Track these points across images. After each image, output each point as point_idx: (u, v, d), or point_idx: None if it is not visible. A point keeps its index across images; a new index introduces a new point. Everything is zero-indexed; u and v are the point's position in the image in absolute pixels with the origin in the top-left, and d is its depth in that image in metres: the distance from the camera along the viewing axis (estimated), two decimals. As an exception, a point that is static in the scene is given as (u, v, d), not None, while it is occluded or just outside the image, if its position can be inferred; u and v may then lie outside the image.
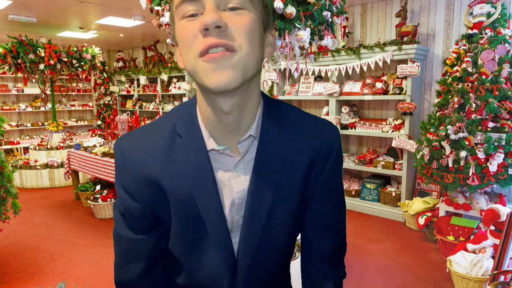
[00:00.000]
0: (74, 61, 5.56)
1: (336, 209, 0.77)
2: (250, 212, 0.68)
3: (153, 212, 0.71)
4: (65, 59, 5.46)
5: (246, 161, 0.68)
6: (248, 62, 0.57)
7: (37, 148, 5.82)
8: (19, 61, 5.10)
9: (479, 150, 2.89)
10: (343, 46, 4.40)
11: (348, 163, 4.49)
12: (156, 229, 0.73)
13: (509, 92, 2.92)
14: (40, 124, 7.72)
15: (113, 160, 3.98)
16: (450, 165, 3.06)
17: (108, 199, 4.17)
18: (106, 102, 8.07)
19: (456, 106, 3.06)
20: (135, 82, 7.85)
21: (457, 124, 2.99)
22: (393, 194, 4.11)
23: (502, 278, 2.02)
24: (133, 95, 8.08)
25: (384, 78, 4.14)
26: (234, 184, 0.68)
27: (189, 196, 0.67)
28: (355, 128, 4.39)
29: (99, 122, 8.10)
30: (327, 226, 0.77)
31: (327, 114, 4.54)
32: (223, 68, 0.55)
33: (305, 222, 0.77)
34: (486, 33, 2.98)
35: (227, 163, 0.68)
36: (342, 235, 0.80)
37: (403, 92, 3.91)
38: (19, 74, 5.40)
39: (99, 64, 6.12)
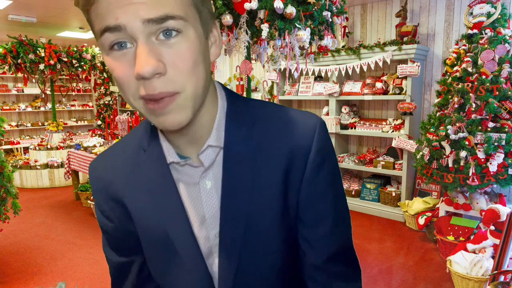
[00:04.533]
0: (74, 61, 5.56)
1: (329, 215, 0.63)
2: (224, 228, 0.60)
3: (129, 233, 0.66)
4: (65, 59, 5.46)
5: (216, 172, 0.61)
6: (196, 97, 0.51)
7: (37, 148, 5.82)
8: (19, 61, 5.10)
9: (479, 150, 2.89)
10: (343, 46, 4.40)
11: (348, 163, 4.49)
12: (139, 252, 0.68)
13: (509, 92, 2.92)
14: (40, 124, 7.72)
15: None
16: (450, 165, 3.06)
17: (108, 199, 4.17)
18: (106, 102, 8.08)
19: (456, 106, 3.05)
20: (135, 82, 7.85)
21: (457, 124, 2.99)
22: (393, 194, 4.11)
23: (502, 278, 2.02)
24: (133, 95, 8.08)
25: (384, 78, 4.14)
26: (203, 197, 0.61)
27: (152, 213, 0.62)
28: (355, 128, 4.39)
29: (99, 122, 8.10)
30: (322, 238, 0.63)
31: (327, 114, 4.54)
32: (167, 114, 0.49)
33: (298, 235, 0.65)
34: (486, 33, 2.98)
35: (193, 175, 0.61)
36: (343, 243, 0.66)
37: (403, 92, 3.91)
38: (19, 74, 5.40)
39: (99, 64, 6.12)
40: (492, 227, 2.60)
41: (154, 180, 0.61)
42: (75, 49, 5.65)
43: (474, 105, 2.96)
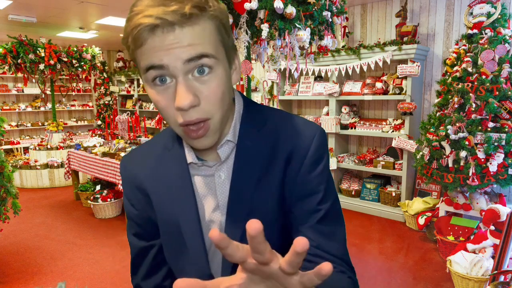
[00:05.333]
0: (74, 61, 5.56)
1: (321, 209, 0.68)
2: (230, 214, 0.69)
3: (150, 220, 0.76)
4: (65, 59, 5.46)
5: (229, 165, 0.71)
6: (223, 119, 0.64)
7: (37, 148, 5.82)
8: (19, 61, 5.10)
9: (479, 150, 2.89)
10: (343, 46, 4.40)
11: (348, 163, 4.49)
12: (157, 238, 0.78)
13: (509, 92, 2.92)
14: (40, 124, 7.72)
15: (113, 160, 3.99)
16: (450, 165, 3.06)
17: (108, 199, 4.17)
18: (106, 102, 8.08)
19: (456, 106, 3.06)
20: (135, 82, 7.86)
21: (457, 124, 2.99)
22: (393, 194, 4.11)
23: (502, 278, 2.02)
24: (133, 95, 8.08)
25: (384, 78, 4.14)
26: (217, 187, 0.71)
27: (168, 205, 0.72)
28: (355, 128, 4.39)
29: (99, 122, 8.10)
30: (312, 223, 0.68)
31: (327, 114, 4.54)
32: (202, 139, 0.62)
33: (293, 228, 0.71)
34: (486, 33, 2.98)
35: (209, 170, 0.72)
36: (336, 233, 0.69)
37: (403, 92, 3.91)
38: (19, 74, 5.40)
39: (99, 64, 6.12)
40: (492, 227, 2.60)
41: (173, 176, 0.72)
42: (75, 49, 5.65)
43: (474, 105, 2.96)
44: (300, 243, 0.35)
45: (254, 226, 0.35)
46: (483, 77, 2.93)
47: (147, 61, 0.57)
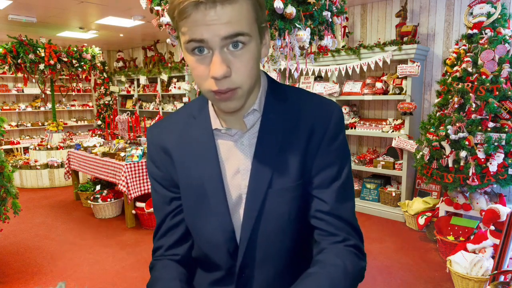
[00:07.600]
0: (74, 61, 5.56)
1: (338, 179, 0.76)
2: (253, 177, 0.75)
3: (173, 181, 0.83)
4: (65, 59, 5.47)
5: (252, 134, 0.77)
6: (249, 90, 0.69)
7: (37, 148, 5.82)
8: (19, 61, 5.11)
9: (479, 150, 2.89)
10: (343, 46, 4.40)
11: (348, 163, 4.49)
12: (179, 199, 0.84)
13: (509, 92, 2.92)
14: (40, 124, 7.72)
15: (112, 160, 3.98)
16: (450, 165, 3.06)
17: (108, 199, 4.17)
18: (106, 102, 8.07)
19: (456, 106, 3.05)
20: (135, 82, 7.85)
21: (457, 124, 2.99)
22: (393, 194, 4.11)
23: (502, 278, 2.02)
24: (133, 95, 8.08)
25: (384, 78, 4.14)
26: (239, 153, 0.77)
27: (193, 166, 0.79)
28: (355, 128, 4.39)
29: (99, 122, 8.10)
30: (328, 190, 0.76)
31: (327, 114, 4.54)
32: (229, 102, 0.68)
33: (311, 190, 0.78)
34: (486, 33, 2.98)
35: (232, 138, 0.78)
36: (348, 200, 0.78)
37: (403, 92, 3.91)
38: (19, 74, 5.41)
39: (99, 64, 6.12)
40: (492, 227, 2.60)
41: (199, 140, 0.79)
42: (75, 49, 5.65)
43: (474, 105, 2.96)
44: None
45: None
46: (483, 77, 2.93)
47: (189, 34, 0.62)
